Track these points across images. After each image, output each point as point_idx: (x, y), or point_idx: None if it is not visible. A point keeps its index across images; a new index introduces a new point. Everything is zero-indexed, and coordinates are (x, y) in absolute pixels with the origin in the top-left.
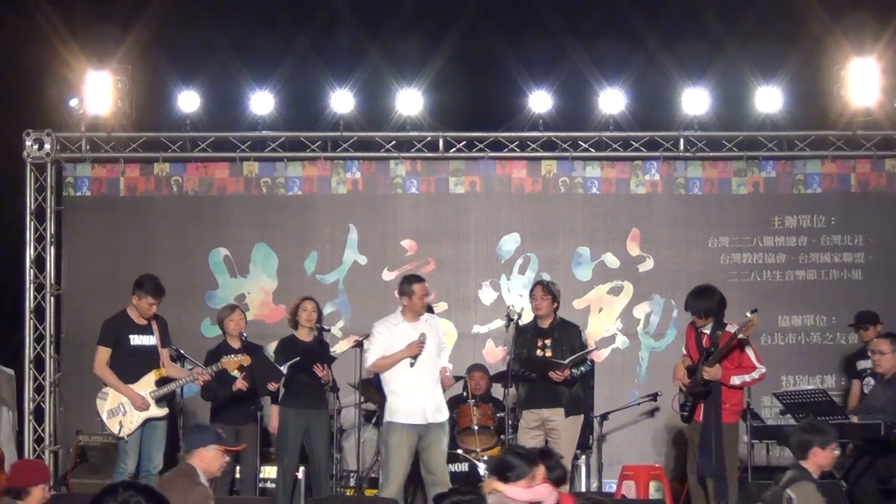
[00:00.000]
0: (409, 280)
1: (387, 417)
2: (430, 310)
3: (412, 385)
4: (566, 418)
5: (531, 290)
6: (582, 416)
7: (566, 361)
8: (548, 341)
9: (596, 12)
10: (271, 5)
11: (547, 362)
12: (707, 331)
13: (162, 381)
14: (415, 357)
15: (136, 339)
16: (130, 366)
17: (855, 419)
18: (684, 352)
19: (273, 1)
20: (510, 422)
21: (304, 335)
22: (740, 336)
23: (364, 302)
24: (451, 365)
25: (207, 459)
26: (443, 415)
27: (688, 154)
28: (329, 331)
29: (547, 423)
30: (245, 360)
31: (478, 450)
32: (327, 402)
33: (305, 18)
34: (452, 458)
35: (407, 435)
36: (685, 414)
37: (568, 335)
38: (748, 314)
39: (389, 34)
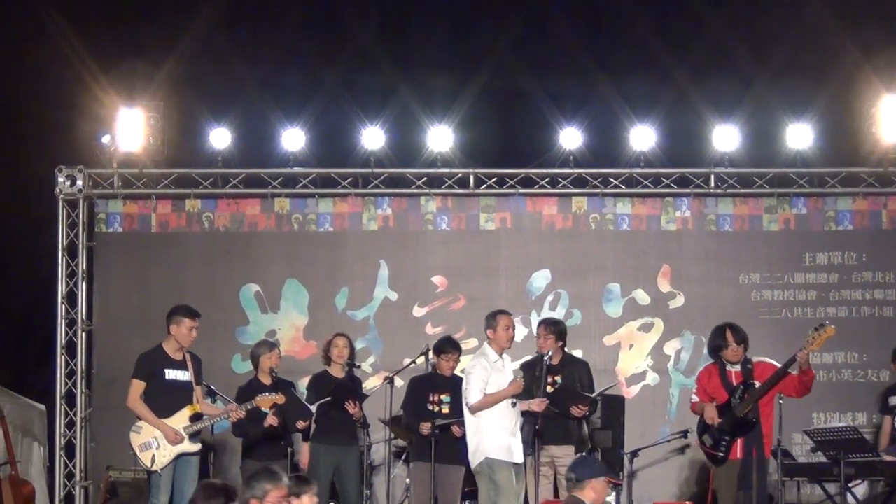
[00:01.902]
0: (493, 314)
1: (487, 454)
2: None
3: (512, 423)
4: (576, 455)
5: (537, 329)
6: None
7: (594, 395)
8: (558, 378)
9: (625, 49)
10: (301, 42)
11: (577, 395)
12: (735, 368)
13: (196, 417)
14: (516, 396)
15: (171, 374)
16: (165, 400)
17: (887, 457)
18: (696, 398)
19: (302, 37)
20: (537, 458)
21: (337, 371)
22: (812, 348)
23: (395, 338)
24: None
25: (599, 490)
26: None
27: (718, 191)
28: (360, 367)
29: (556, 460)
30: (279, 398)
31: None
32: (358, 439)
33: (335, 55)
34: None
35: (512, 470)
36: (721, 454)
37: (578, 371)
38: (820, 327)
39: (420, 70)
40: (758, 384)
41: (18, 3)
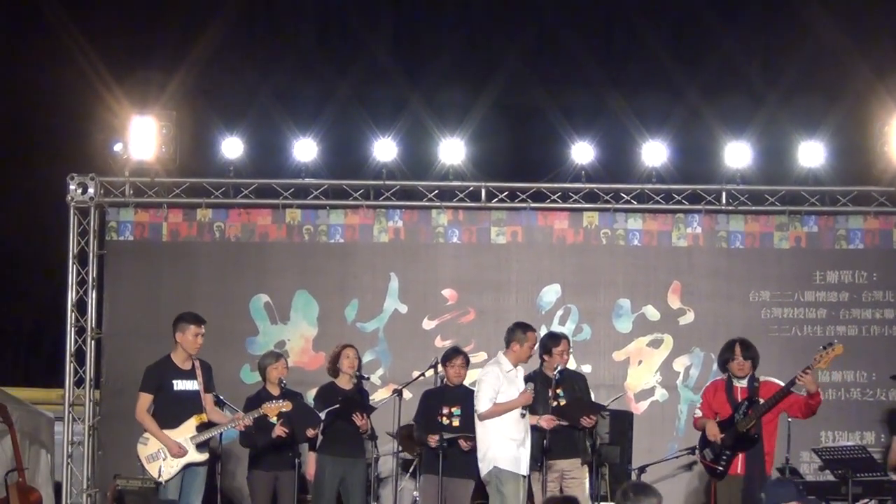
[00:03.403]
0: (523, 327)
1: (497, 464)
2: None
3: (522, 434)
4: (582, 466)
5: (555, 343)
6: (587, 466)
7: (606, 404)
8: (559, 391)
9: (638, 65)
10: (314, 54)
11: (590, 405)
12: (742, 384)
13: (203, 427)
14: (526, 408)
15: (180, 385)
16: (173, 411)
17: (895, 477)
18: (699, 413)
19: (316, 49)
20: (545, 473)
21: (345, 383)
22: (819, 366)
23: (404, 350)
24: None
25: None
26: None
27: (730, 208)
28: (368, 379)
29: (565, 473)
30: (286, 406)
31: None
32: (365, 451)
33: (348, 67)
34: None
35: (519, 482)
36: (721, 468)
37: (578, 383)
38: (829, 345)
39: (432, 83)
40: (762, 401)
41: (33, 14)
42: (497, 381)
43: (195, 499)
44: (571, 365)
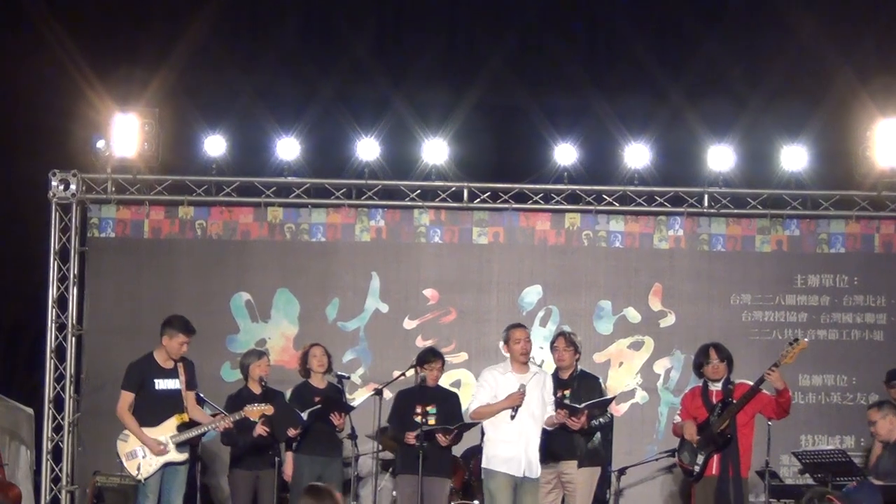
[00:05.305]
0: (508, 327)
1: (484, 464)
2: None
3: (513, 436)
4: (580, 469)
5: (553, 342)
6: (599, 468)
7: (581, 406)
8: (567, 392)
9: (621, 67)
10: (297, 52)
11: (567, 406)
12: (717, 387)
13: (184, 426)
14: (515, 409)
15: (161, 384)
16: (154, 410)
17: (875, 481)
18: (678, 419)
19: (299, 48)
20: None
21: (318, 382)
22: (786, 361)
23: (384, 350)
24: None
25: None
26: (535, 472)
27: (712, 210)
28: (349, 378)
29: (562, 476)
30: (268, 409)
31: None
32: (341, 450)
33: (331, 66)
34: None
35: (507, 481)
36: (696, 470)
37: (588, 387)
38: (794, 342)
39: (415, 83)
40: (735, 401)
41: (15, 9)
42: (487, 384)
43: (176, 497)
44: (550, 365)
